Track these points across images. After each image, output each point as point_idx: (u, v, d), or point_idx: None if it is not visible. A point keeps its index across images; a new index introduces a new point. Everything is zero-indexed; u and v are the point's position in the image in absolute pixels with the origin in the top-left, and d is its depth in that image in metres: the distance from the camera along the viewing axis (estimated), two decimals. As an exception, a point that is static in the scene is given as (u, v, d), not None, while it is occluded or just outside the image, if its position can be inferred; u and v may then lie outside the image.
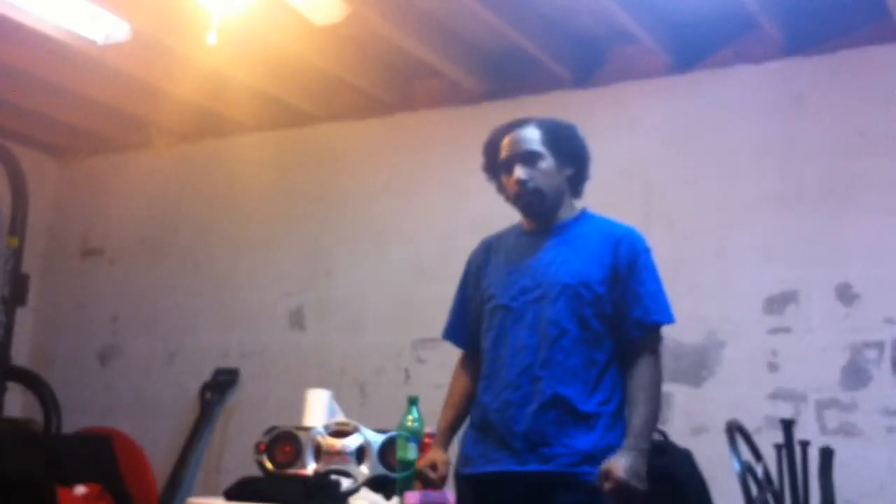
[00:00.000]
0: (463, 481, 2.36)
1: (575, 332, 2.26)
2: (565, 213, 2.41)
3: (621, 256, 2.32)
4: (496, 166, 2.44)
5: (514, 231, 2.49)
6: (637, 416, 2.22)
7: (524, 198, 2.37)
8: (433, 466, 2.42)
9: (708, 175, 3.89)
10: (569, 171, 2.41)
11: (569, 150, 2.41)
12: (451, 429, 2.47)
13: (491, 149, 2.45)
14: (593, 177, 2.49)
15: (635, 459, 2.15)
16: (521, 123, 2.42)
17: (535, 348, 2.27)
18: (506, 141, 2.41)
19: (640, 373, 2.26)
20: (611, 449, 2.20)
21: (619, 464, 2.13)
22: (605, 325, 2.29)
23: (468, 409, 2.42)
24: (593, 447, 2.20)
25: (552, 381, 2.23)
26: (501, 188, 2.46)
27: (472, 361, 2.48)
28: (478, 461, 2.30)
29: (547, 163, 2.36)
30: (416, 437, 2.92)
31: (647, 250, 2.37)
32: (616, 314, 2.30)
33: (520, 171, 2.35)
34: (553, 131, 2.40)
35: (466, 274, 2.55)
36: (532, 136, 2.38)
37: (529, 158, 2.36)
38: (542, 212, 2.39)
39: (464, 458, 2.37)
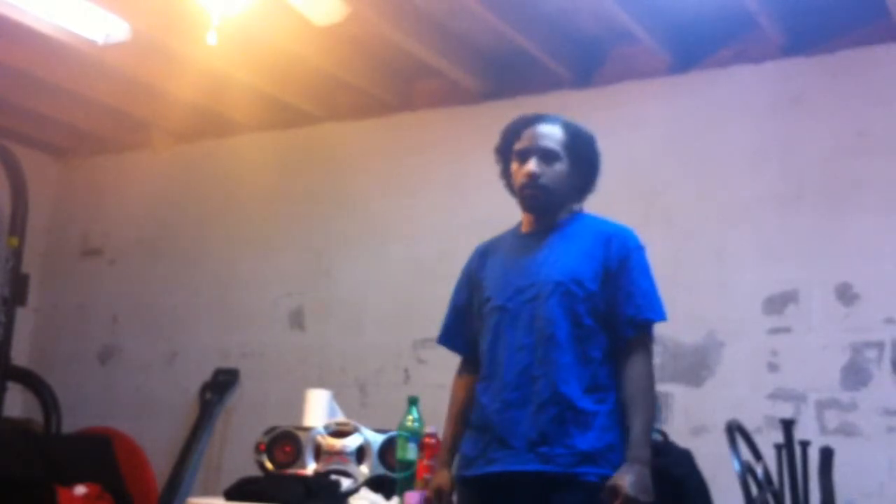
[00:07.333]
0: (463, 483, 2.36)
1: (569, 330, 2.26)
2: (562, 216, 2.41)
3: (612, 253, 2.32)
4: (510, 152, 2.44)
5: (511, 234, 2.50)
6: (637, 425, 2.21)
7: (529, 189, 2.36)
8: (439, 494, 2.41)
9: (708, 175, 3.89)
10: (578, 179, 2.41)
11: (585, 158, 2.42)
12: (457, 446, 2.44)
13: (510, 134, 2.45)
14: (593, 176, 2.49)
15: (640, 473, 2.16)
16: (547, 118, 2.42)
17: (532, 348, 2.27)
18: (528, 131, 2.41)
19: (636, 375, 2.26)
20: (610, 448, 2.21)
21: (626, 480, 2.13)
22: (597, 322, 2.29)
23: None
24: (592, 447, 2.20)
25: (550, 380, 2.23)
26: (506, 174, 2.46)
27: (471, 367, 2.48)
28: (478, 462, 2.30)
29: (561, 165, 2.37)
30: (416, 437, 2.92)
31: (639, 248, 2.36)
32: (608, 311, 2.29)
33: (533, 165, 2.35)
34: (576, 137, 2.41)
35: (461, 281, 2.55)
36: (555, 135, 2.38)
37: (547, 156, 2.36)
38: (543, 207, 2.39)
39: (464, 459, 2.36)
